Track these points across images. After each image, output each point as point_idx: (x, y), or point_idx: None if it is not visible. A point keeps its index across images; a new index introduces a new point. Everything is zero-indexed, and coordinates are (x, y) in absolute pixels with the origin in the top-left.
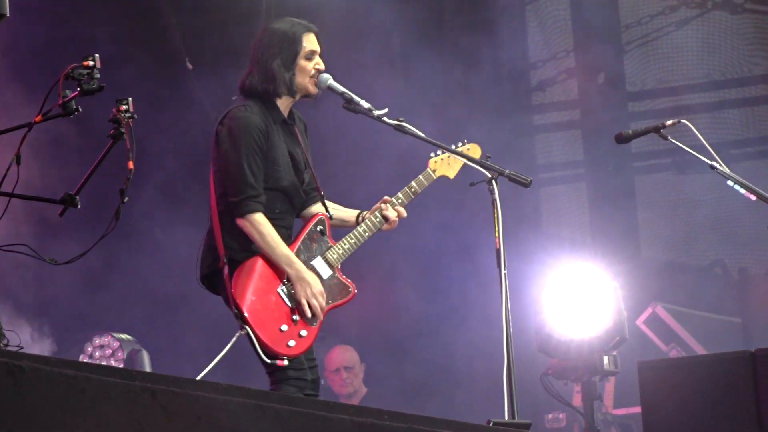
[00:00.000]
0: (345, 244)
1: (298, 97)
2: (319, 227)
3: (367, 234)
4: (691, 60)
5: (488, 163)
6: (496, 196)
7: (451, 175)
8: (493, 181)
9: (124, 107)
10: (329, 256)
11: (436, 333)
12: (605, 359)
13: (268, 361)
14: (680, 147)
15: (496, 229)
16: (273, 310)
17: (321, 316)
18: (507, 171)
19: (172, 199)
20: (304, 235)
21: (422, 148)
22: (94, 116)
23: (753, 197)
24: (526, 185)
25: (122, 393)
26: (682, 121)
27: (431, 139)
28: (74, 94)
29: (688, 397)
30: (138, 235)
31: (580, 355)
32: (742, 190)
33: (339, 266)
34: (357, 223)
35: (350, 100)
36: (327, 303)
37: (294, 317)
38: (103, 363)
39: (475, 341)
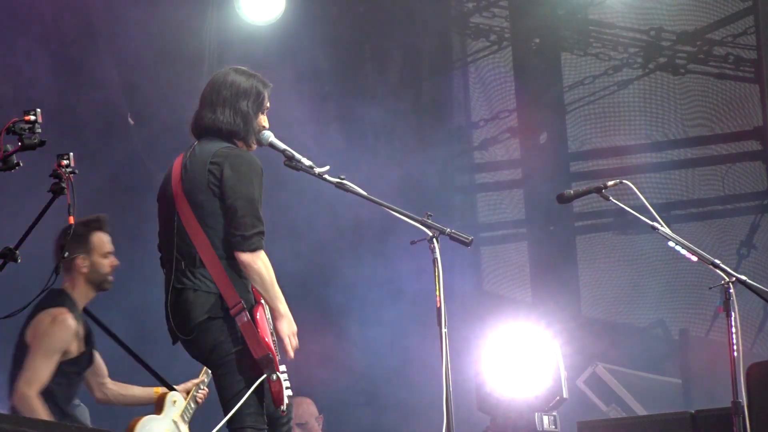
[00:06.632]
0: None
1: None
2: None
3: None
4: (633, 120)
5: (429, 221)
6: (437, 255)
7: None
8: (434, 240)
9: (65, 162)
10: None
11: (377, 391)
12: (545, 419)
13: (272, 408)
14: (622, 207)
15: (437, 287)
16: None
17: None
18: (448, 230)
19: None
20: None
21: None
22: (36, 171)
23: (694, 258)
24: (467, 244)
25: None
26: (624, 181)
27: (373, 198)
28: (15, 148)
29: None
30: None
31: (520, 415)
32: (684, 251)
33: None
34: None
35: (291, 158)
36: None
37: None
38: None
39: (414, 399)
